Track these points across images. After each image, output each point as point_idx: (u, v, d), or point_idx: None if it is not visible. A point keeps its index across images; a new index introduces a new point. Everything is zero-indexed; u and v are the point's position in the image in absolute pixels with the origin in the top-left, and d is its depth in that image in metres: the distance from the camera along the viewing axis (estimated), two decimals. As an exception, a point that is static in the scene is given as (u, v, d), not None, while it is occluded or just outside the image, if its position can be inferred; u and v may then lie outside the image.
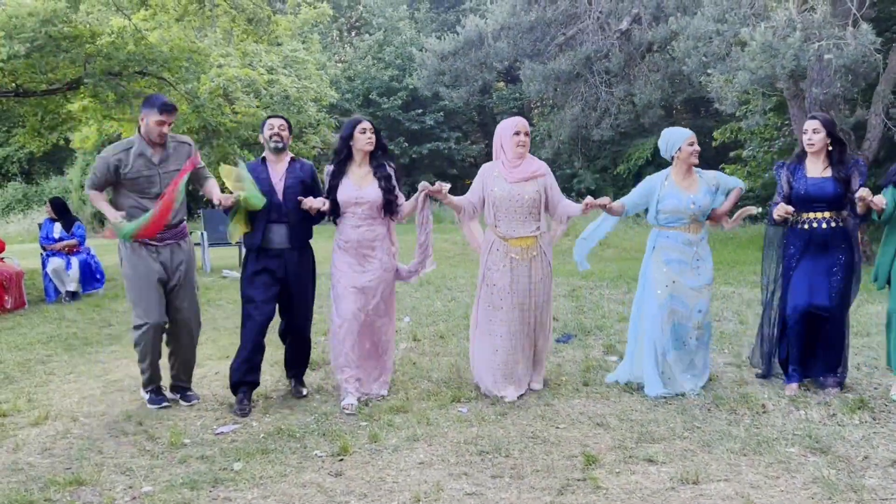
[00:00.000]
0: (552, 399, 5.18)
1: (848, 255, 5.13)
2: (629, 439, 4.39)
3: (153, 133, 5.02)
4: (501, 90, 29.15)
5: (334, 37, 32.72)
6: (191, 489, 3.81)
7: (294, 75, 22.07)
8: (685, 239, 5.30)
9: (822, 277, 5.11)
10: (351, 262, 5.20)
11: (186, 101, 14.95)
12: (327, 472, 4.03)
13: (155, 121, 4.99)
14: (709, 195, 5.30)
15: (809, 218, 5.15)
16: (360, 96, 28.69)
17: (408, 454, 4.26)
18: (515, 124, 5.23)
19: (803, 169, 5.21)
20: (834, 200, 5.09)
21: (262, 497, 3.72)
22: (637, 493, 3.68)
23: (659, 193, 5.31)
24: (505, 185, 5.18)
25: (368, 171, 5.24)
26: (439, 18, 31.85)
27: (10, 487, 3.88)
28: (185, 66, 14.29)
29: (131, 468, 4.13)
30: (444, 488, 3.77)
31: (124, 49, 13.39)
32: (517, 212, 5.17)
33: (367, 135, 5.18)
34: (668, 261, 5.31)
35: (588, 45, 16.27)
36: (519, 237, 5.19)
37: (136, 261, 5.07)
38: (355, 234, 5.18)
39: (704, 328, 5.36)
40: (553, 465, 4.03)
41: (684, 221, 5.29)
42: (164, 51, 13.92)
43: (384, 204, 5.19)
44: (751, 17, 11.65)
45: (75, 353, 7.00)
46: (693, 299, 5.28)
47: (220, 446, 4.46)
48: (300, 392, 5.44)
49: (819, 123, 5.14)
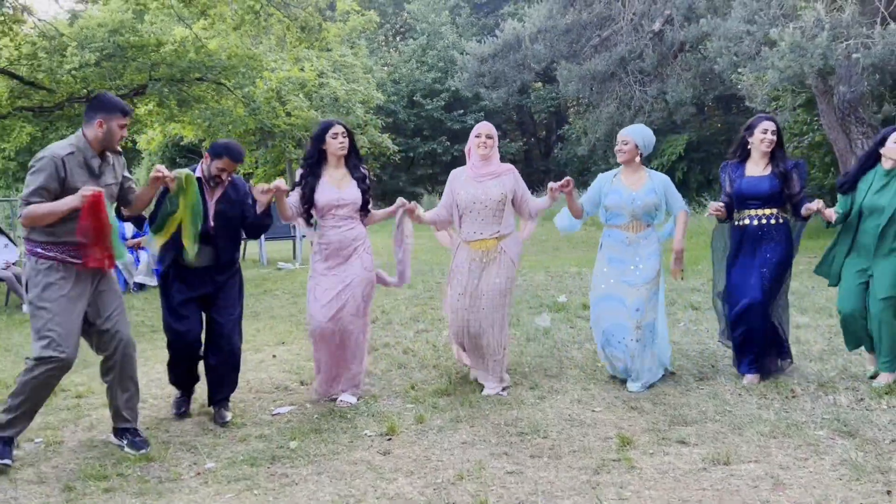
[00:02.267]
0: (588, 384, 5.16)
1: (780, 251, 5.02)
2: (662, 422, 4.36)
3: (112, 140, 4.11)
4: (538, 90, 28.97)
5: (380, 42, 32.81)
6: (250, 466, 3.88)
7: (343, 79, 22.20)
8: (625, 238, 5.10)
9: (754, 272, 5.01)
10: (329, 266, 4.92)
11: (243, 105, 15.13)
12: (376, 450, 4.07)
13: (119, 125, 4.10)
14: (651, 194, 5.07)
15: (745, 215, 5.08)
16: (404, 98, 28.75)
17: (451, 434, 4.28)
18: (478, 129, 5.11)
19: (743, 168, 5.13)
20: (768, 198, 4.99)
21: (315, 473, 3.77)
22: (670, 472, 3.65)
23: (605, 189, 5.20)
24: (471, 187, 5.03)
25: (346, 173, 4.99)
26: (479, 23, 31.74)
27: (86, 463, 3.99)
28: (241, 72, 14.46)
29: (195, 446, 4.22)
30: (486, 467, 3.78)
31: (186, 57, 13.61)
32: (481, 213, 5.00)
33: (338, 139, 4.92)
34: (610, 259, 5.16)
35: (622, 45, 16.09)
36: (479, 240, 5.03)
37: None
38: (336, 235, 4.91)
39: (644, 328, 5.02)
40: (589, 446, 4.02)
41: (625, 219, 5.11)
42: (222, 58, 14.11)
43: (363, 204, 5.01)
44: (780, 17, 11.40)
45: (143, 340, 7.15)
46: (631, 297, 5.01)
47: (276, 426, 4.53)
48: (224, 417, 4.65)
49: (775, 125, 5.07)
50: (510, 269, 5.07)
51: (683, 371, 5.38)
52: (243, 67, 14.49)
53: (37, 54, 13.82)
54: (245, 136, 17.48)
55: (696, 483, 3.53)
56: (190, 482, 3.70)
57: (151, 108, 15.28)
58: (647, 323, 5.04)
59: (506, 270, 5.05)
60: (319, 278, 4.94)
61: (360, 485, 3.61)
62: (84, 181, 3.97)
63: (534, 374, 5.45)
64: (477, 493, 3.47)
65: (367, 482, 3.64)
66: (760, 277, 5.00)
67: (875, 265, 4.81)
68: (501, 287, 5.03)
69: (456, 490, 3.52)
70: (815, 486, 3.44)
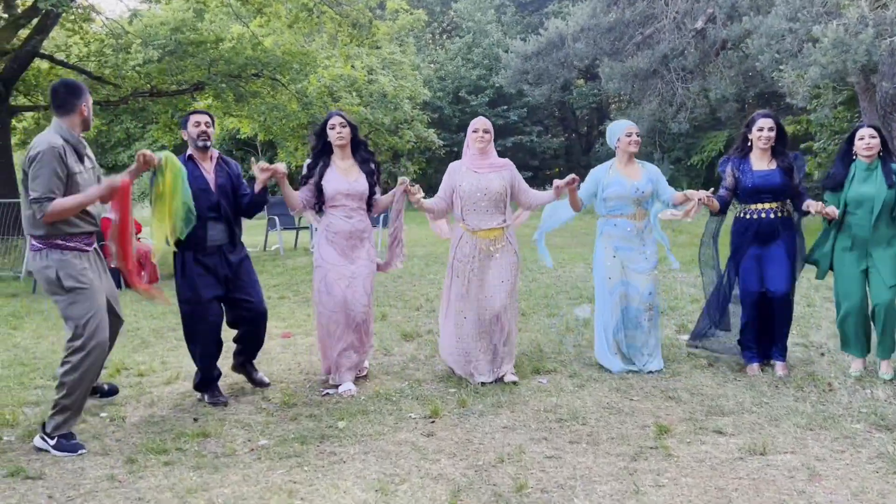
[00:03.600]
0: (627, 373, 5.12)
1: (792, 242, 5.03)
2: (699, 412, 4.30)
3: (90, 118, 4.11)
4: (581, 87, 28.73)
5: (427, 40, 32.82)
6: (301, 443, 3.93)
7: (391, 75, 22.29)
8: (631, 227, 5.16)
9: (773, 264, 4.99)
10: (339, 253, 4.90)
11: (297, 100, 15.27)
12: (420, 432, 4.10)
13: (89, 104, 4.10)
14: (649, 183, 5.17)
15: (756, 209, 5.02)
16: (450, 94, 28.76)
17: (492, 419, 4.28)
18: (475, 124, 5.08)
19: (748, 163, 5.06)
20: (780, 191, 4.97)
21: (362, 452, 3.81)
22: (707, 461, 3.61)
23: (603, 182, 5.21)
24: (472, 179, 4.98)
25: (353, 164, 4.98)
26: (524, 21, 31.56)
27: (148, 437, 4.08)
28: (295, 68, 14.59)
29: (250, 423, 4.30)
30: (526, 451, 3.78)
31: (243, 54, 13.77)
32: (484, 205, 4.96)
33: (336, 130, 4.89)
34: (618, 248, 5.18)
35: (665, 43, 15.83)
36: (487, 229, 4.99)
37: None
38: (347, 226, 4.90)
39: (654, 309, 5.22)
40: (627, 434, 3.99)
41: (630, 209, 5.17)
42: (277, 55, 14.24)
43: (369, 196, 4.99)
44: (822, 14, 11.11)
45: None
46: (643, 283, 5.16)
47: (325, 406, 4.58)
48: (261, 379, 4.99)
49: (773, 121, 5.02)
50: (515, 258, 5.09)
51: (720, 363, 5.30)
52: (297, 64, 14.62)
53: (104, 51, 14.15)
54: (298, 130, 17.64)
55: (732, 472, 3.49)
56: (244, 458, 3.77)
57: (210, 103, 15.52)
58: (656, 306, 5.24)
59: (513, 258, 5.05)
60: (329, 267, 4.89)
61: (405, 464, 3.64)
62: (79, 168, 3.97)
63: (573, 363, 5.42)
64: (517, 475, 3.47)
65: (411, 462, 3.67)
66: (779, 268, 4.98)
67: (875, 255, 4.78)
68: (511, 276, 5.04)
69: (497, 472, 3.52)
70: (851, 479, 3.37)
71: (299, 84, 15.23)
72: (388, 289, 8.73)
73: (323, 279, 4.91)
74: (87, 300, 3.96)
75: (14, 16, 13.37)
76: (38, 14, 12.56)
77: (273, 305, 8.19)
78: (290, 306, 7.95)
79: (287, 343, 6.26)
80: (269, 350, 6.00)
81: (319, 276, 4.94)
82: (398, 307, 7.70)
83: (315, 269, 5.00)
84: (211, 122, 4.75)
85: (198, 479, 3.50)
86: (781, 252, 4.98)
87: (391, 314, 7.36)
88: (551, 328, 6.53)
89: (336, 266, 4.89)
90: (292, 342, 6.29)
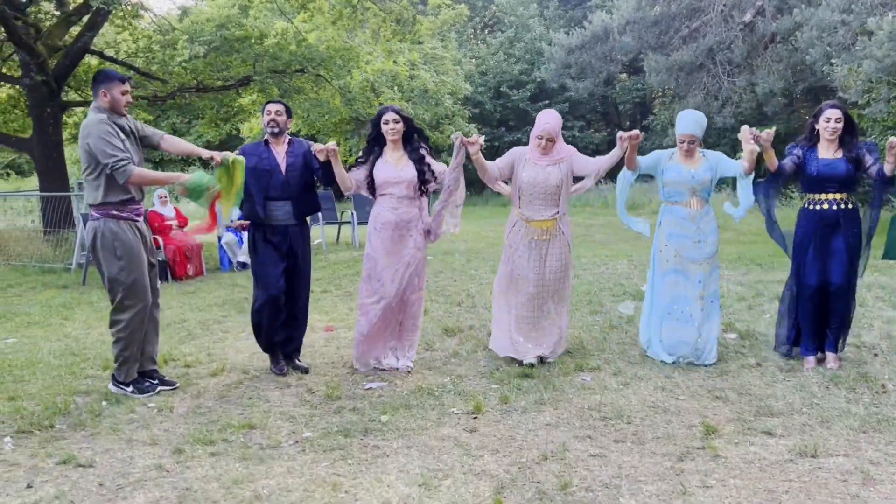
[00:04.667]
0: (672, 372, 5.04)
1: (854, 236, 4.95)
2: (747, 412, 4.22)
3: (121, 104, 4.56)
4: (624, 81, 28.40)
5: (469, 35, 32.76)
6: (344, 436, 3.95)
7: (433, 70, 22.29)
8: (686, 214, 5.20)
9: (833, 257, 4.94)
10: (387, 243, 5.07)
11: (340, 95, 15.34)
12: (463, 427, 4.09)
13: (121, 91, 4.54)
14: (709, 172, 5.17)
15: (820, 199, 4.96)
16: (491, 89, 28.65)
17: (535, 416, 4.26)
18: (540, 131, 5.09)
19: (815, 151, 4.99)
20: (845, 181, 4.90)
21: (405, 447, 3.81)
22: (756, 463, 3.53)
23: (663, 165, 5.24)
24: (532, 171, 5.12)
25: (403, 155, 5.14)
26: (567, 15, 31.29)
27: (195, 428, 4.15)
28: (338, 64, 14.66)
29: (294, 416, 4.33)
30: (570, 449, 3.74)
31: (287, 49, 13.87)
32: (540, 196, 5.12)
33: (389, 125, 5.06)
34: (671, 235, 5.23)
35: (711, 36, 15.58)
36: (540, 220, 5.14)
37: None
38: (393, 217, 5.07)
39: (707, 299, 5.19)
40: (673, 433, 3.93)
41: (685, 196, 5.19)
42: (321, 50, 14.32)
43: (420, 182, 5.11)
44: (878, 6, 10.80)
45: (246, 315, 7.34)
46: (694, 271, 5.18)
47: (369, 400, 4.60)
48: (303, 366, 5.27)
49: (841, 112, 4.92)
50: (567, 247, 5.24)
51: (769, 363, 5.19)
52: (340, 59, 14.69)
53: (151, 47, 14.38)
54: (340, 125, 17.75)
55: (782, 474, 3.41)
56: (289, 449, 3.80)
57: (255, 98, 15.67)
58: (709, 293, 5.21)
59: (565, 248, 5.21)
60: (378, 257, 5.09)
61: (448, 460, 3.63)
62: (124, 139, 4.51)
63: (617, 360, 5.36)
64: (561, 473, 3.44)
65: (454, 458, 3.66)
66: (840, 261, 4.92)
67: None
68: (565, 262, 5.22)
69: (540, 469, 3.50)
70: (907, 484, 3.27)
71: (342, 80, 15.30)
72: (430, 284, 8.73)
73: (374, 268, 5.11)
74: (134, 267, 4.59)
75: (66, 13, 13.66)
76: (88, 11, 12.80)
77: (316, 299, 8.26)
78: (332, 300, 8.00)
79: (330, 336, 6.30)
80: (313, 343, 6.05)
81: (370, 266, 5.14)
82: (440, 302, 7.70)
83: (365, 258, 5.19)
84: (283, 111, 5.10)
85: (243, 470, 3.54)
86: (842, 245, 4.92)
87: (433, 309, 7.36)
88: (594, 325, 6.47)
89: (383, 256, 5.08)
90: (335, 335, 6.33)
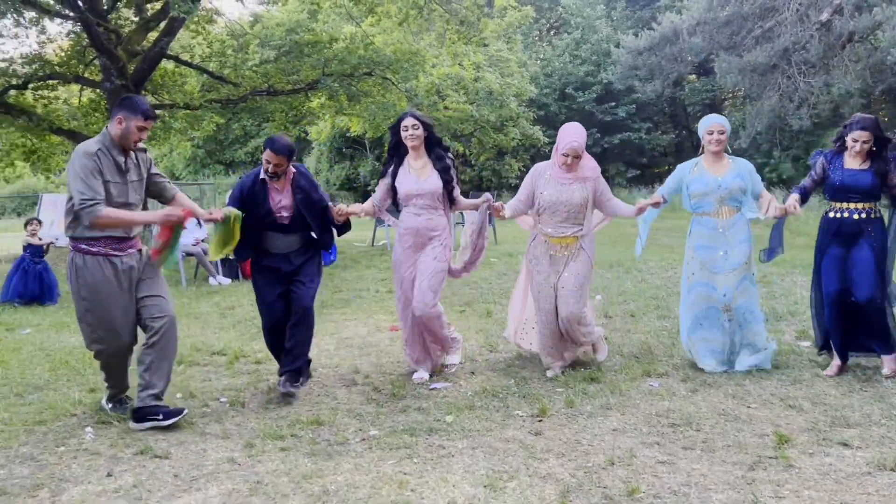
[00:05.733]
0: (743, 380, 4.92)
1: (880, 245, 4.83)
2: (822, 422, 4.09)
3: (131, 138, 4.15)
4: (693, 83, 27.84)
5: (535, 36, 32.63)
6: (410, 435, 3.99)
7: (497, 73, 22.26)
8: (715, 224, 5.05)
9: (857, 268, 4.81)
10: (407, 250, 5.03)
11: (406, 98, 15.48)
12: (528, 430, 4.08)
13: (137, 126, 4.13)
14: (738, 179, 5.00)
15: (842, 207, 4.87)
16: (556, 91, 28.49)
17: (601, 420, 4.21)
18: (567, 149, 4.92)
19: (841, 160, 4.88)
20: (869, 192, 4.81)
21: (470, 447, 3.82)
22: (831, 474, 3.42)
23: (688, 179, 5.11)
24: (554, 189, 4.99)
25: (427, 163, 5.01)
26: (634, 16, 30.88)
27: (265, 423, 4.25)
28: (405, 67, 14.80)
29: (361, 413, 4.40)
30: (637, 455, 3.69)
31: (355, 53, 14.06)
32: (562, 215, 5.00)
33: (409, 131, 4.94)
34: (698, 247, 5.11)
35: (786, 36, 15.14)
36: (560, 237, 5.04)
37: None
38: (416, 223, 4.99)
39: (735, 311, 5.04)
40: (744, 442, 3.83)
41: (713, 206, 5.04)
42: (388, 53, 14.48)
43: (445, 193, 5.01)
44: (966, 3, 10.34)
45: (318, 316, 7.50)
46: (720, 283, 5.04)
47: (434, 400, 4.63)
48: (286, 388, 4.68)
49: (869, 134, 4.78)
50: (588, 263, 5.10)
51: (845, 372, 5.02)
52: (407, 63, 14.83)
53: (224, 52, 14.80)
54: (405, 127, 17.88)
55: (859, 487, 3.29)
56: (356, 446, 3.86)
57: (323, 102, 15.94)
58: (736, 306, 5.04)
59: (584, 265, 5.07)
60: (400, 265, 5.07)
61: (513, 462, 3.63)
62: (113, 177, 4.09)
63: (685, 366, 5.26)
64: (628, 479, 3.40)
65: (519, 460, 3.65)
66: (863, 271, 4.81)
67: None
68: (581, 277, 5.03)
69: (607, 475, 3.46)
70: None
71: (409, 83, 15.44)
72: (493, 286, 8.73)
73: (399, 276, 5.10)
74: (98, 308, 4.14)
75: (144, 19, 14.16)
76: (166, 17, 13.25)
77: (381, 299, 8.36)
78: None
79: (395, 336, 6.37)
80: (378, 343, 6.12)
81: (397, 276, 5.14)
82: (503, 304, 7.69)
83: (394, 263, 5.19)
84: (285, 161, 4.66)
85: (312, 465, 3.61)
86: (866, 255, 4.81)
87: (496, 311, 7.36)
88: (662, 331, 6.36)
89: (404, 263, 5.06)
90: (399, 335, 6.39)
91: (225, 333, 6.68)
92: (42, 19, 13.82)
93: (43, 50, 15.14)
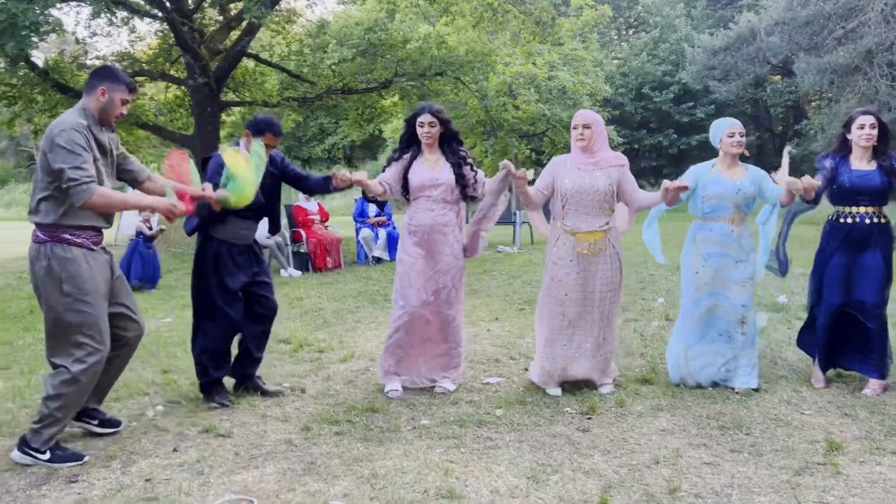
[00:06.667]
0: (799, 386, 4.85)
1: (889, 251, 4.68)
2: (878, 431, 4.01)
3: (113, 112, 3.68)
4: (776, 83, 27.05)
5: (612, 35, 32.26)
6: (460, 426, 4.11)
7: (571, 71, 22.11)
8: (728, 231, 4.77)
9: (864, 275, 4.63)
10: (420, 249, 4.72)
11: (477, 98, 15.57)
12: (575, 427, 4.14)
13: (121, 98, 3.69)
14: (752, 185, 4.77)
15: (850, 212, 4.67)
16: (632, 90, 28.13)
17: (651, 421, 4.24)
18: (575, 119, 4.72)
19: (848, 162, 4.68)
20: (879, 193, 4.65)
21: (517, 441, 3.91)
22: (880, 483, 3.37)
23: (703, 179, 4.82)
24: (576, 176, 4.64)
25: (440, 157, 4.80)
26: (715, 15, 30.20)
27: (323, 408, 4.44)
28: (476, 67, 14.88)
29: (413, 403, 4.54)
30: (683, 455, 3.72)
31: (429, 53, 14.21)
32: (588, 204, 4.62)
33: (424, 128, 4.72)
34: (709, 255, 4.78)
35: (869, 37, 14.60)
36: (588, 231, 4.64)
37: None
38: (428, 219, 4.70)
39: (750, 323, 4.83)
40: (793, 447, 3.81)
41: (728, 211, 4.76)
42: (461, 53, 14.59)
43: (460, 187, 4.76)
44: None
45: (377, 307, 7.72)
46: (736, 294, 4.78)
47: (485, 394, 4.74)
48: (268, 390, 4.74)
49: (875, 119, 4.62)
50: (619, 262, 4.75)
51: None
52: (478, 63, 14.92)
53: (303, 51, 15.18)
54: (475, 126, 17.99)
55: (909, 498, 3.25)
56: (406, 434, 4.00)
57: (396, 101, 16.18)
58: (752, 320, 4.88)
59: (616, 263, 4.73)
60: (413, 262, 4.73)
61: (558, 456, 3.70)
62: (97, 156, 3.59)
63: (742, 370, 5.21)
64: (671, 478, 3.43)
65: (564, 455, 3.72)
66: (869, 279, 4.65)
67: None
68: (615, 281, 4.73)
69: (650, 473, 3.50)
70: None
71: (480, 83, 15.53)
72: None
73: (407, 274, 4.75)
74: (87, 304, 3.56)
75: (227, 19, 14.68)
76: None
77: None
78: (459, 297, 8.20)
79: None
80: (437, 337, 6.25)
81: (403, 272, 4.78)
82: (565, 304, 7.73)
83: (398, 263, 4.87)
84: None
85: (364, 449, 3.77)
86: (876, 262, 4.65)
87: (557, 310, 7.40)
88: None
89: (418, 261, 4.72)
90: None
91: (291, 323, 6.93)
92: (132, 19, 14.47)
93: (133, 48, 15.86)
